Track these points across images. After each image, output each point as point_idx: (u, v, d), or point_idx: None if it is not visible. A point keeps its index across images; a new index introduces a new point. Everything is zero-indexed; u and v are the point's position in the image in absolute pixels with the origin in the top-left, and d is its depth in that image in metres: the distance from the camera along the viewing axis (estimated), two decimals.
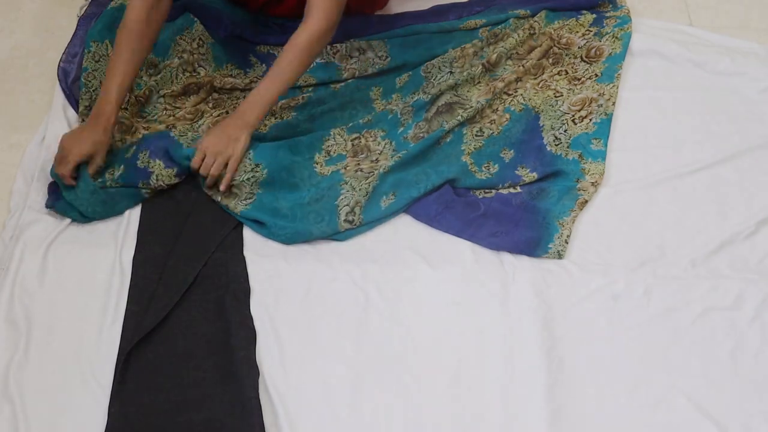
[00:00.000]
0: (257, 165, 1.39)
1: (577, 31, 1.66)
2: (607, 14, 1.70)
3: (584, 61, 1.63)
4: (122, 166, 1.40)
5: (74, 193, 1.35)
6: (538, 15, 1.67)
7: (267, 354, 1.23)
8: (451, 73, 1.59)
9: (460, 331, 1.27)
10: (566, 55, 1.63)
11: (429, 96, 1.54)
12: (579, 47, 1.63)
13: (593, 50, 1.63)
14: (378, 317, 1.28)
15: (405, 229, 1.40)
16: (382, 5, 1.73)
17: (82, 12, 1.71)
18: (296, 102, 1.55)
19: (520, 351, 1.24)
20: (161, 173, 1.38)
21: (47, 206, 1.38)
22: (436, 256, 1.36)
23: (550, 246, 1.36)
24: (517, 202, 1.42)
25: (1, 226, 1.38)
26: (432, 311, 1.29)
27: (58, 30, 1.71)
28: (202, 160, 1.35)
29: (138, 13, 1.38)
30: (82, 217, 1.36)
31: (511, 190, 1.45)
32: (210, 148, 1.35)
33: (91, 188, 1.36)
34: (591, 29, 1.66)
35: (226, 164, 1.35)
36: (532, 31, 1.65)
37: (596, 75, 1.60)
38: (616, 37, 1.65)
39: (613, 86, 1.58)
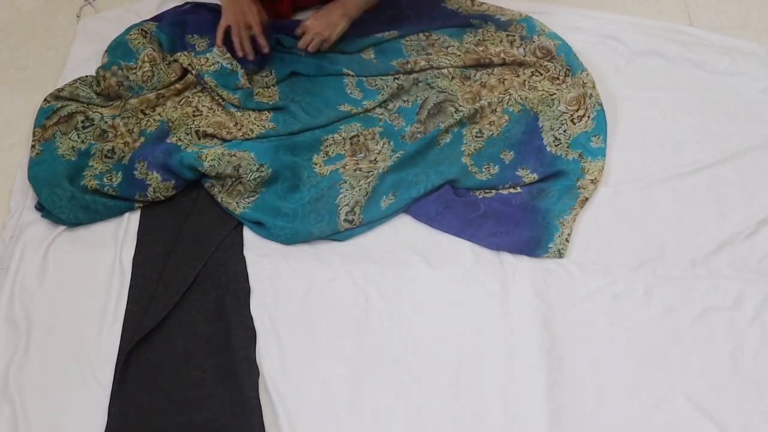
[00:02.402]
0: (262, 165, 1.39)
1: (500, 41, 1.65)
2: (504, 19, 1.70)
3: (546, 61, 1.63)
4: (120, 174, 1.40)
5: (51, 199, 1.34)
6: (436, 33, 1.67)
7: (267, 354, 1.23)
8: (397, 79, 1.59)
9: (460, 331, 1.27)
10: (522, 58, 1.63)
11: (409, 102, 1.55)
12: (523, 54, 1.63)
13: (543, 50, 1.63)
14: (378, 317, 1.28)
15: (405, 229, 1.40)
16: None
17: (81, 11, 1.72)
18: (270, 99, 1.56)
19: (520, 351, 1.24)
20: (159, 186, 1.38)
21: (36, 208, 1.38)
22: (436, 256, 1.36)
23: (550, 245, 1.36)
24: (517, 202, 1.42)
25: (1, 226, 1.38)
26: (432, 311, 1.29)
27: (58, 30, 1.70)
28: (302, 35, 1.57)
29: None
30: (68, 222, 1.35)
31: (511, 190, 1.45)
32: (312, 28, 1.57)
33: (69, 194, 1.35)
34: (510, 35, 1.66)
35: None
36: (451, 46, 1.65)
37: (568, 69, 1.60)
38: (542, 33, 1.65)
39: (587, 74, 1.59)
